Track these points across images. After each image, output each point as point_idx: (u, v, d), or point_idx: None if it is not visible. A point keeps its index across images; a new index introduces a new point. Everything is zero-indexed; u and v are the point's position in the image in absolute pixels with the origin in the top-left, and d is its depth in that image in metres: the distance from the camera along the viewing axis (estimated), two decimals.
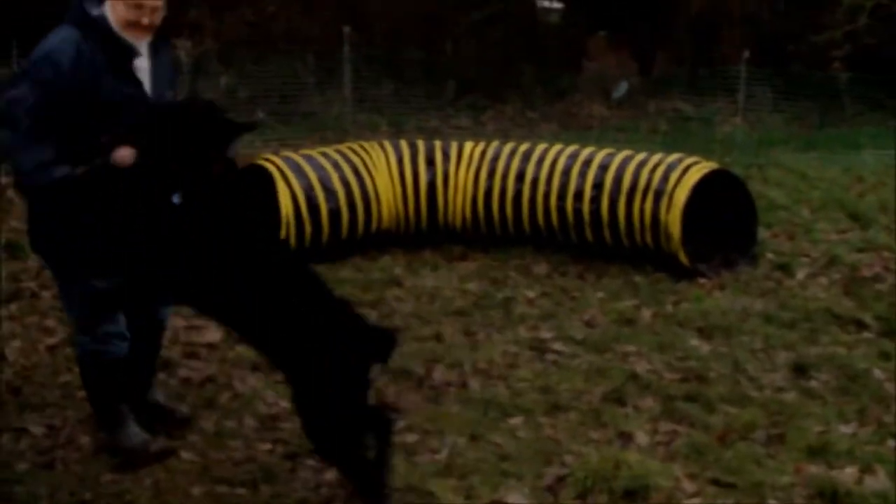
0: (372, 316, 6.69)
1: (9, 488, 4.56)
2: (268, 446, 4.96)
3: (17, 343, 6.14)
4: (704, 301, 7.09)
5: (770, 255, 8.17)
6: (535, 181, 8.11)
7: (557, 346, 6.27)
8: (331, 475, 4.71)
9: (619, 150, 8.44)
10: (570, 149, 8.35)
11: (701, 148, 11.24)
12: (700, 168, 7.86)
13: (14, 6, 12.65)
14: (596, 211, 7.87)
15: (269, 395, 5.47)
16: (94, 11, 4.45)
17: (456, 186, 8.29)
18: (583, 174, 7.99)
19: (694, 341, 6.42)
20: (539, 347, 6.25)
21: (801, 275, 7.82)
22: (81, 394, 5.13)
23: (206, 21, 14.53)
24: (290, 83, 13.13)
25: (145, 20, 4.43)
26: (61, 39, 4.43)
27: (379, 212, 8.05)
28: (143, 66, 4.54)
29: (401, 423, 5.19)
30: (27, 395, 5.47)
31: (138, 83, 4.51)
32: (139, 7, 4.41)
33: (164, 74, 4.65)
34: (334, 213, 7.77)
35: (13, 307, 6.75)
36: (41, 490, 4.55)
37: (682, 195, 7.58)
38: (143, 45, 4.52)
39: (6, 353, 6.00)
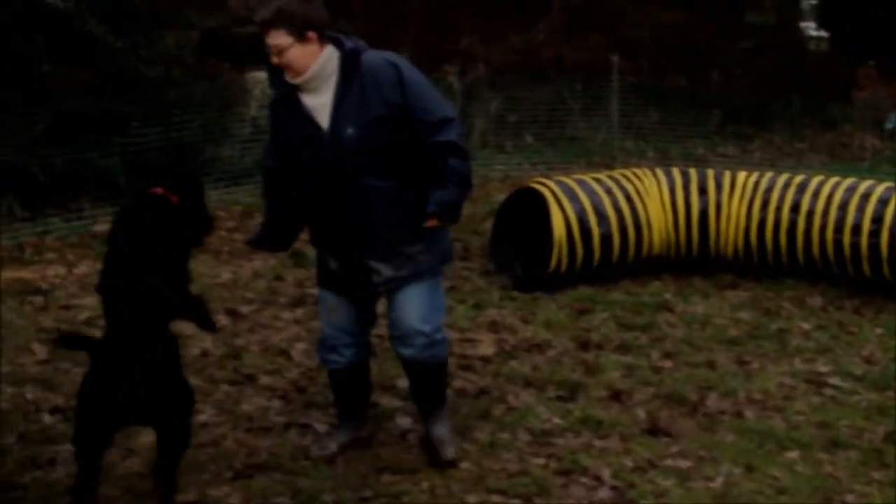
0: (642, 339, 6.73)
1: (295, 481, 4.79)
2: (541, 461, 5.02)
3: (301, 345, 6.46)
4: None
5: None
6: (810, 213, 7.90)
7: (835, 380, 6.07)
8: (604, 493, 4.75)
9: None
10: (847, 181, 8.08)
11: None
12: None
13: None
14: (875, 245, 7.59)
15: (543, 410, 5.55)
16: None
17: (729, 216, 8.17)
18: (861, 208, 7.72)
19: None
20: (816, 381, 6.07)
21: None
22: None
23: (477, 49, 14.92)
24: (558, 109, 13.26)
25: (274, 59, 4.51)
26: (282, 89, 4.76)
27: (650, 238, 8.03)
28: (318, 103, 4.59)
29: (674, 448, 5.20)
30: (311, 394, 5.75)
31: (311, 123, 4.59)
32: (268, 47, 4.53)
33: (352, 110, 4.55)
34: (606, 238, 7.80)
35: (298, 312, 7.12)
36: (325, 485, 4.76)
37: None
38: (316, 83, 4.56)
39: (293, 355, 6.34)
